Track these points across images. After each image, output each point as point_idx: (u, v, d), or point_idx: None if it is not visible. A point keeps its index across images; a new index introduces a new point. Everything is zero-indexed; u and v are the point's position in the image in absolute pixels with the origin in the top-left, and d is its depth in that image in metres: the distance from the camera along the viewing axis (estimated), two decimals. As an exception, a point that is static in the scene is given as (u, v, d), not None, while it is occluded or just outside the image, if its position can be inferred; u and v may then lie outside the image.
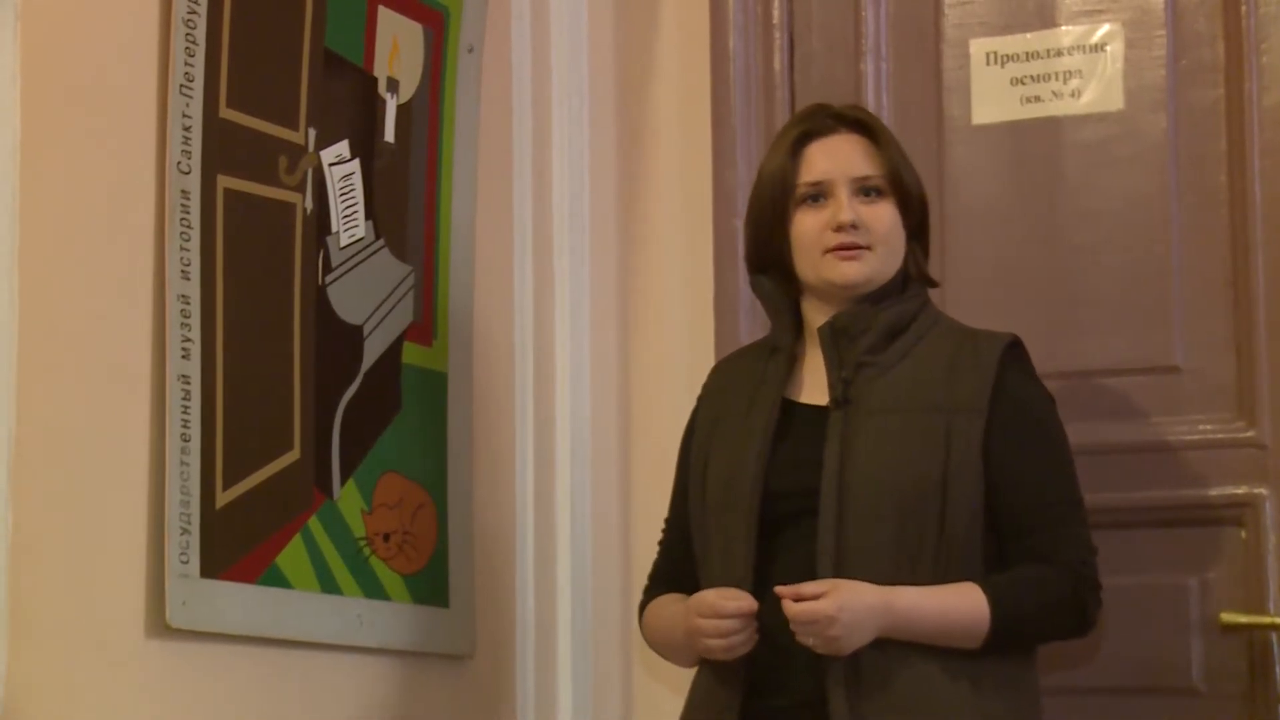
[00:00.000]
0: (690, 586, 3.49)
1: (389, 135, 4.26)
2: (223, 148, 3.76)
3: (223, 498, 3.67)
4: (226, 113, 3.77)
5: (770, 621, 3.24)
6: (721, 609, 3.29)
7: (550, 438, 4.61)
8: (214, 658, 3.65)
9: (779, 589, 3.16)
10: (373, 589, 4.05)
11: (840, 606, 3.10)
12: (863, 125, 3.49)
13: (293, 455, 3.86)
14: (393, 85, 4.29)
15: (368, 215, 4.17)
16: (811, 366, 3.47)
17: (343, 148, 4.11)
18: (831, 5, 4.63)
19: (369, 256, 4.16)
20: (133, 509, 3.49)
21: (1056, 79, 4.42)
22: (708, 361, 4.46)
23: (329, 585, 3.93)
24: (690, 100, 4.77)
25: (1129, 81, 4.35)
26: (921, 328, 3.43)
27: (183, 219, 3.65)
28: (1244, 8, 4.23)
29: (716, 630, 3.30)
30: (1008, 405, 3.33)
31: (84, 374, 3.47)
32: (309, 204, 4.01)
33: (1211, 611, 4.12)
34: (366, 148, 4.19)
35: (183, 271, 3.63)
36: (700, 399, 3.68)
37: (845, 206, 3.36)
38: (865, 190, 3.40)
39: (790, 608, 3.13)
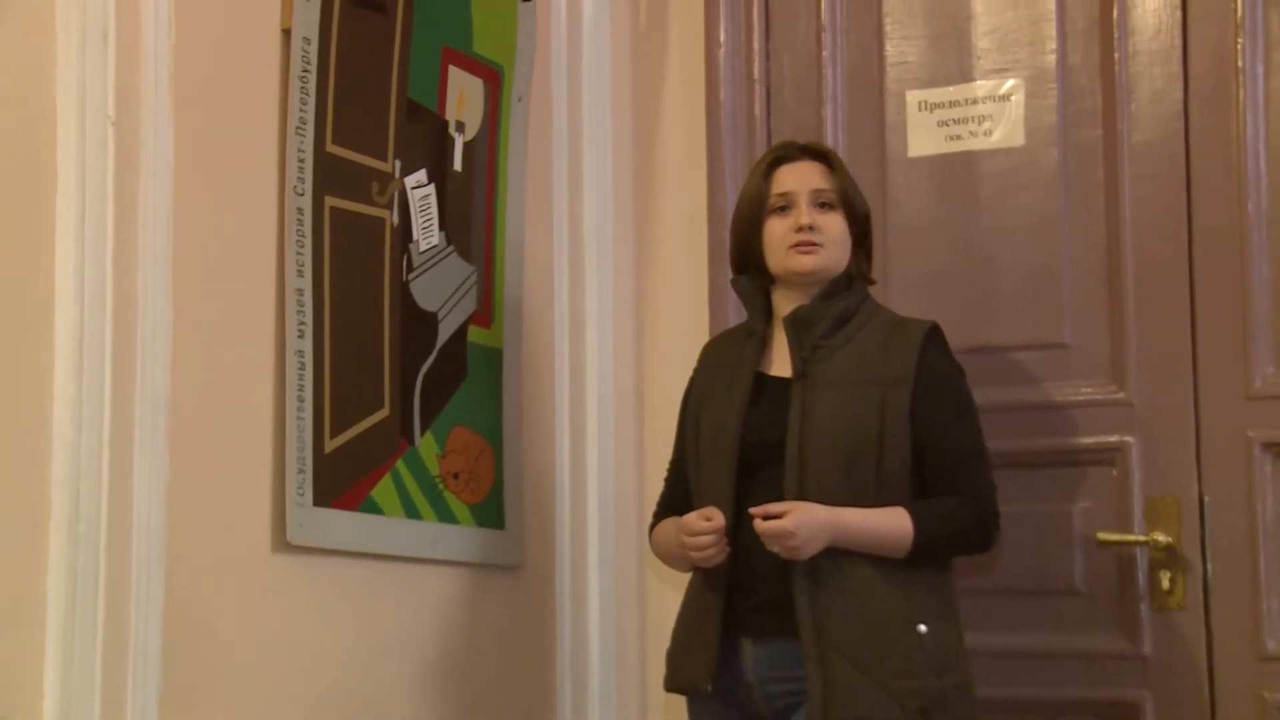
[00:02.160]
0: (686, 513, 3.57)
1: (457, 165, 4.25)
2: (329, 175, 3.79)
3: (330, 445, 3.72)
4: (332, 148, 3.80)
5: (747, 540, 3.37)
6: (698, 528, 3.43)
7: (582, 398, 4.60)
8: (323, 568, 3.71)
9: (751, 509, 3.30)
10: (445, 515, 4.08)
11: (798, 523, 3.26)
12: (821, 154, 3.63)
13: (384, 412, 3.90)
14: (460, 126, 4.28)
15: (441, 227, 4.17)
16: (779, 347, 3.58)
17: (421, 175, 4.11)
18: (799, 65, 4.62)
19: (442, 259, 4.16)
20: (261, 454, 3.56)
21: (973, 121, 4.40)
22: (702, 340, 4.43)
23: (412, 512, 3.97)
24: (690, 138, 4.75)
25: (1029, 124, 4.34)
26: (863, 317, 3.56)
27: (298, 231, 3.70)
28: (1116, 67, 4.23)
29: (696, 545, 3.44)
30: (928, 377, 3.48)
31: (223, 349, 3.54)
32: (395, 219, 4.02)
33: (1090, 531, 4.14)
34: (440, 175, 4.18)
35: (298, 271, 3.69)
36: (695, 371, 3.80)
37: (805, 213, 3.50)
38: (821, 203, 3.54)
39: (759, 525, 3.27)
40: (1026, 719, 4.22)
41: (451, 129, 4.26)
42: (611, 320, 4.69)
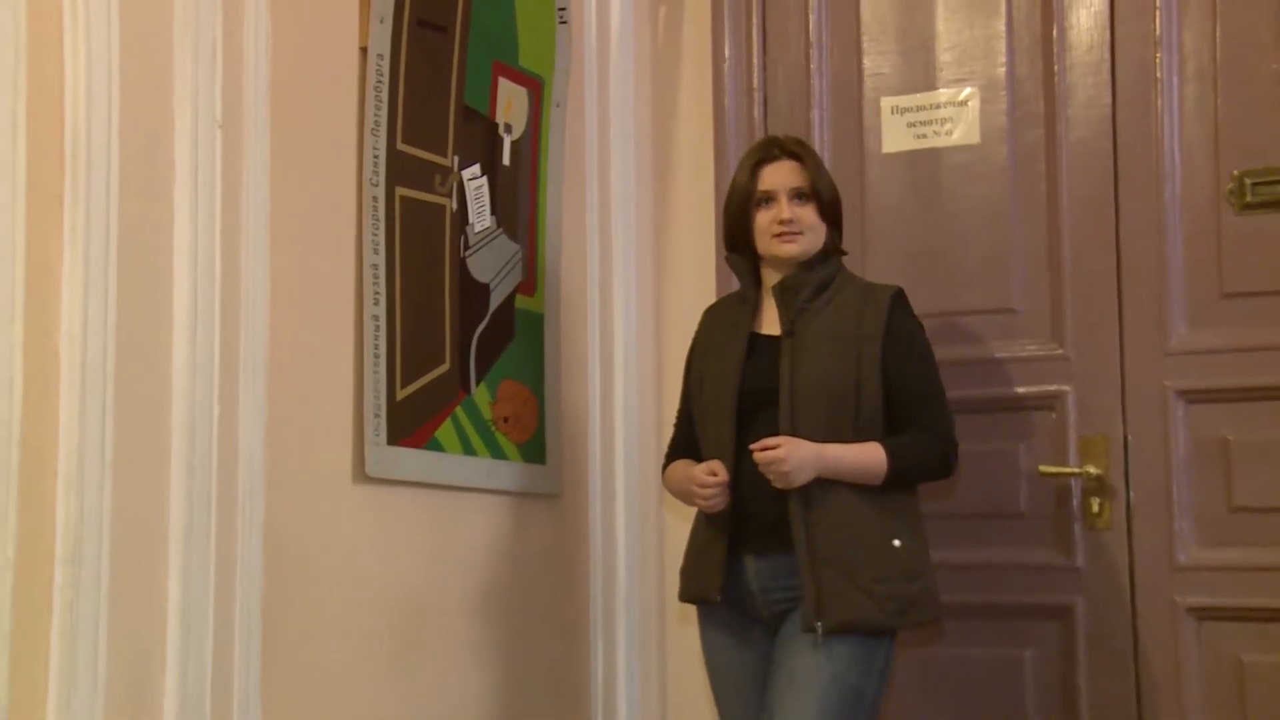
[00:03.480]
0: (693, 452, 3.71)
1: (506, 160, 4.24)
2: (399, 169, 3.81)
3: (400, 394, 3.75)
4: (401, 146, 3.82)
5: (747, 471, 3.46)
6: (706, 480, 3.51)
7: (610, 354, 4.60)
8: (394, 497, 3.74)
9: (752, 445, 3.38)
10: (497, 452, 4.10)
11: (788, 453, 3.35)
12: (796, 155, 3.64)
13: (445, 367, 3.93)
14: (508, 128, 4.26)
15: (492, 212, 4.16)
16: (768, 310, 3.65)
17: (476, 168, 4.12)
18: (791, 75, 4.61)
19: (493, 239, 4.16)
20: (343, 400, 3.60)
21: (936, 123, 4.41)
22: (707, 286, 4.55)
23: (469, 449, 3.99)
24: (699, 136, 4.76)
25: (983, 125, 4.35)
26: (839, 284, 3.63)
27: (373, 216, 3.72)
28: (1056, 78, 4.24)
29: (703, 495, 3.53)
30: (896, 332, 3.55)
31: (311, 314, 3.57)
32: (454, 205, 4.04)
33: (1033, 465, 4.17)
34: (491, 168, 4.18)
35: (374, 249, 3.72)
36: (697, 331, 3.85)
37: (784, 208, 3.57)
38: (798, 196, 3.59)
39: (758, 455, 3.35)
40: (980, 620, 4.22)
41: (501, 130, 4.24)
42: (634, 289, 4.69)
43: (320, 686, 3.51)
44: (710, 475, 3.53)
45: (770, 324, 3.65)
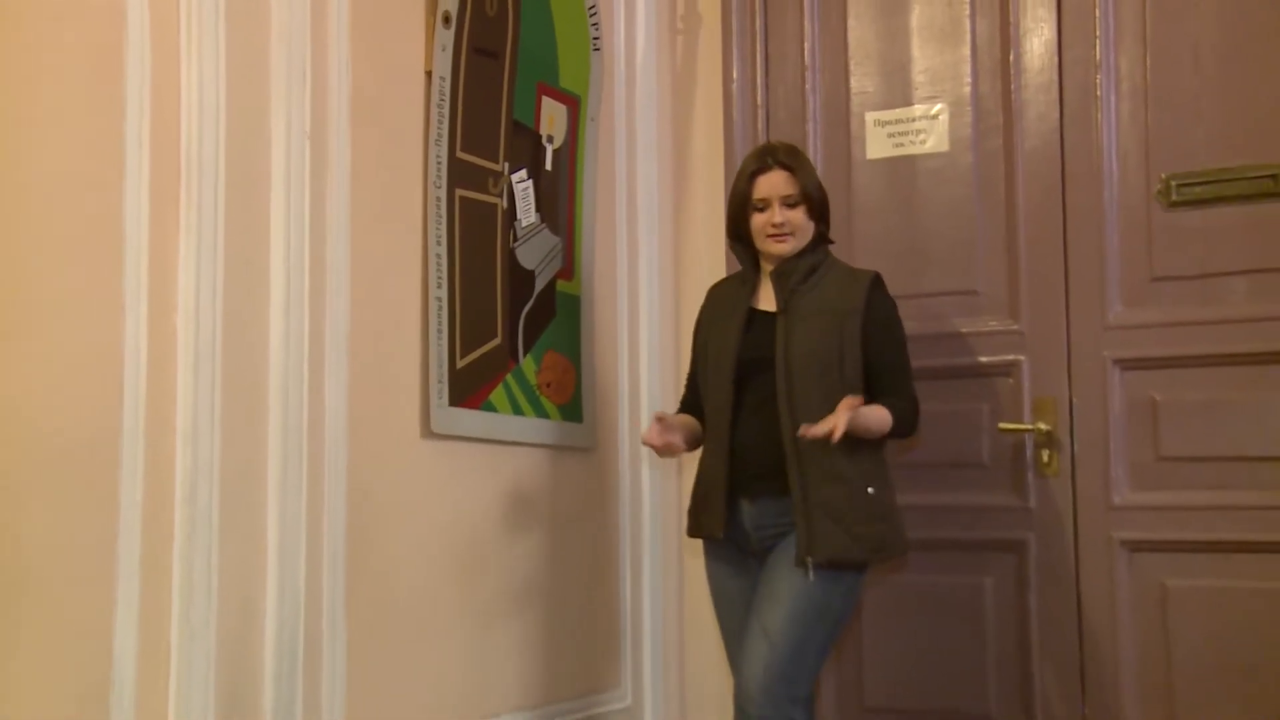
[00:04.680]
0: (698, 410, 3.75)
1: (548, 166, 4.24)
2: (458, 173, 3.81)
3: (460, 363, 3.76)
4: (460, 154, 3.83)
5: (744, 427, 3.55)
6: (648, 438, 3.58)
7: (636, 330, 4.59)
8: (455, 450, 3.76)
9: (803, 430, 3.32)
10: (541, 412, 4.11)
11: (841, 423, 3.28)
12: (787, 166, 3.60)
13: (497, 340, 3.94)
14: (550, 139, 4.25)
15: (537, 210, 4.15)
16: (765, 290, 3.66)
17: (523, 173, 4.11)
18: (789, 94, 4.60)
19: (537, 233, 4.15)
20: (412, 368, 3.62)
21: (912, 133, 4.41)
22: (718, 271, 4.59)
23: (517, 410, 4.01)
24: (711, 146, 4.74)
25: (952, 135, 4.35)
26: (825, 269, 3.64)
27: (436, 213, 3.74)
28: (1012, 96, 4.23)
29: (650, 443, 3.59)
30: (873, 311, 3.57)
31: (385, 295, 3.58)
32: (505, 204, 4.02)
33: (993, 423, 4.19)
34: (536, 173, 4.17)
35: (437, 241, 3.73)
36: (703, 307, 3.85)
37: (777, 213, 3.57)
38: (788, 203, 3.58)
39: (807, 431, 3.31)
40: (948, 553, 4.24)
41: (544, 140, 4.22)
42: (656, 274, 4.67)
43: (394, 604, 3.53)
44: (658, 425, 3.58)
45: (767, 302, 3.64)
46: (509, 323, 4.02)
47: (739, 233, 3.70)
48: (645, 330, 4.65)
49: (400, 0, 3.74)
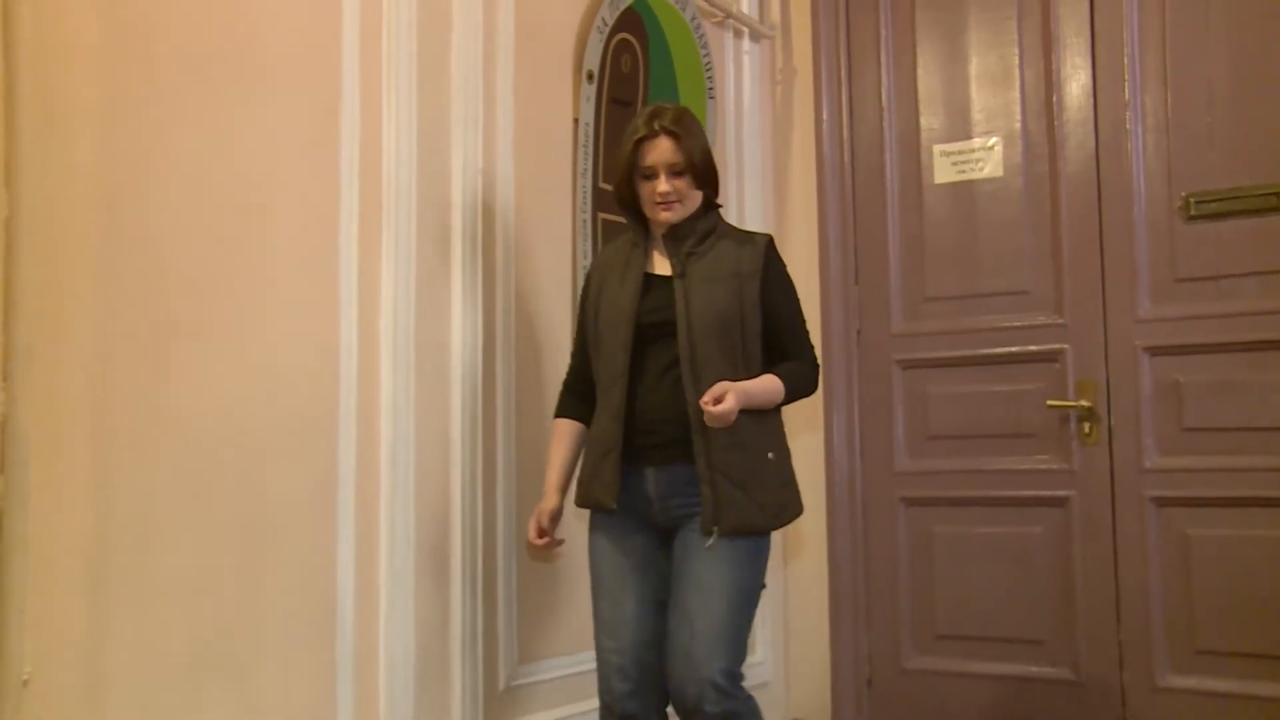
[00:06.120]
0: (589, 383, 3.09)
1: None
2: (599, 200, 3.78)
3: None
4: (601, 184, 3.80)
5: (646, 394, 2.94)
6: (534, 541, 3.04)
7: None
8: None
9: (702, 401, 2.78)
10: None
11: (737, 402, 2.77)
12: (672, 133, 2.98)
13: None
14: None
15: None
16: (658, 253, 3.06)
17: None
18: (870, 130, 4.58)
19: None
20: (563, 359, 3.36)
21: (972, 162, 4.39)
22: (814, 288, 4.56)
23: None
24: (806, 174, 4.71)
25: (1005, 163, 4.33)
26: (720, 232, 3.04)
27: (583, 232, 3.75)
28: (1055, 130, 4.21)
29: (530, 540, 3.06)
30: (770, 273, 2.99)
31: (542, 302, 3.57)
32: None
33: (1042, 400, 4.18)
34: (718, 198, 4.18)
35: (584, 255, 3.73)
36: (590, 271, 3.18)
37: (663, 182, 2.96)
38: (674, 170, 2.97)
39: (712, 410, 2.75)
40: (1006, 508, 4.23)
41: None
42: None
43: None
44: (538, 537, 3.04)
45: (661, 265, 3.05)
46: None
47: (625, 198, 3.10)
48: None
49: (553, 62, 3.74)
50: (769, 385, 2.93)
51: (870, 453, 4.56)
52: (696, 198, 3.03)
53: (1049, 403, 4.17)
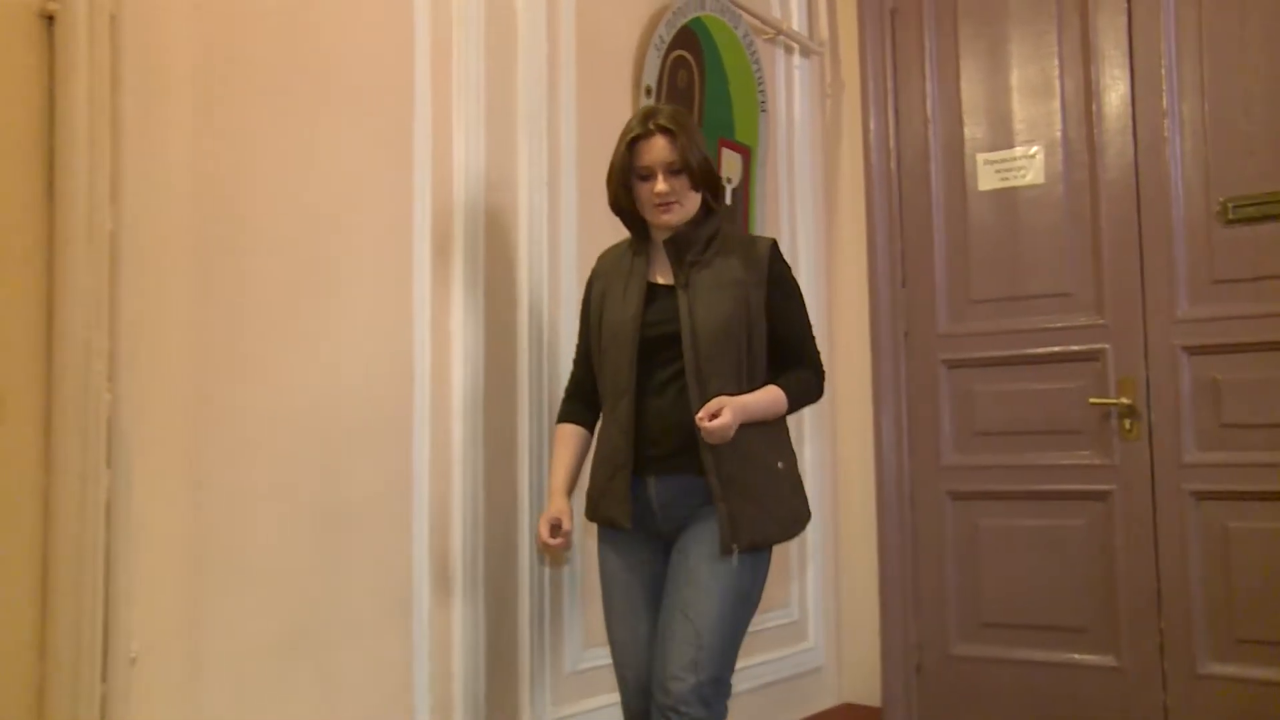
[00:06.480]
0: (591, 391, 2.94)
1: (728, 201, 4.16)
2: None
3: None
4: None
5: (651, 405, 2.74)
6: (546, 540, 2.83)
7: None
8: None
9: (698, 416, 2.60)
10: None
11: (733, 417, 2.60)
12: (668, 130, 2.78)
13: None
14: (729, 180, 4.21)
15: None
16: (659, 261, 2.86)
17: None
18: (915, 140, 4.58)
19: None
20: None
21: (1014, 170, 4.38)
22: (863, 292, 4.58)
23: None
24: (854, 183, 4.71)
25: (1046, 171, 4.31)
26: (722, 238, 2.82)
27: None
28: (1095, 138, 4.19)
29: (541, 540, 2.84)
30: (775, 279, 2.79)
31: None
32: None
33: (1085, 397, 4.16)
34: (720, 203, 4.14)
35: None
36: (591, 278, 2.99)
37: (661, 182, 2.76)
38: (672, 170, 2.76)
39: (707, 426, 2.58)
40: (1050, 501, 4.21)
41: (724, 181, 3.94)
42: (813, 283, 4.60)
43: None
44: (551, 536, 2.84)
45: (663, 274, 2.85)
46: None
47: (621, 206, 2.89)
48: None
49: (613, 78, 3.76)
50: (771, 397, 2.76)
51: (918, 449, 4.56)
52: (695, 200, 2.84)
53: (1090, 400, 4.16)
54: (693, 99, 4.06)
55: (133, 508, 2.22)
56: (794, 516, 2.80)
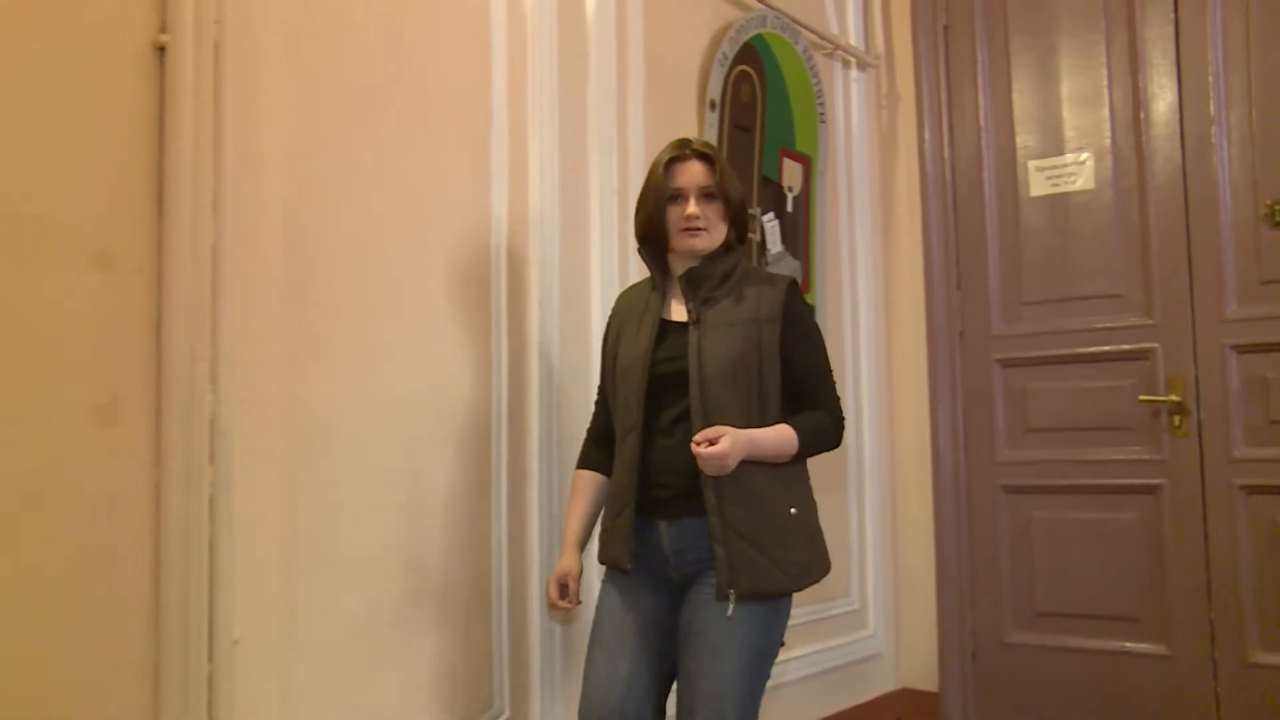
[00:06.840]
0: (610, 431, 2.80)
1: (789, 209, 4.20)
2: None
3: None
4: None
5: (659, 445, 2.62)
6: (555, 601, 2.73)
7: (856, 328, 4.52)
8: None
9: (694, 442, 2.48)
10: None
11: (731, 446, 2.46)
12: (706, 156, 2.71)
13: None
14: (790, 189, 4.20)
15: (781, 241, 4.13)
16: (675, 298, 2.74)
17: (771, 215, 4.09)
18: (969, 149, 4.58)
19: (783, 258, 4.13)
20: None
21: (1065, 176, 4.36)
22: (920, 296, 4.60)
23: None
24: (910, 191, 4.70)
25: (1096, 176, 4.30)
26: (739, 275, 2.70)
27: None
28: (1143, 145, 4.18)
29: (551, 602, 2.74)
30: (791, 319, 2.64)
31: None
32: (758, 238, 4.01)
33: (1135, 395, 4.14)
34: (780, 214, 4.14)
35: None
36: (611, 315, 2.87)
37: (693, 205, 2.66)
38: (705, 195, 2.67)
39: (701, 452, 2.46)
40: (1101, 495, 4.20)
41: (785, 190, 4.18)
42: (870, 287, 4.60)
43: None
44: (560, 598, 2.73)
45: (678, 312, 2.74)
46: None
47: (650, 233, 2.75)
48: (863, 328, 4.61)
49: (680, 93, 3.78)
50: (781, 436, 2.59)
51: (973, 444, 4.55)
52: (722, 231, 2.73)
53: (1140, 398, 4.14)
54: (755, 112, 4.07)
55: (234, 501, 2.26)
56: (805, 566, 2.60)
